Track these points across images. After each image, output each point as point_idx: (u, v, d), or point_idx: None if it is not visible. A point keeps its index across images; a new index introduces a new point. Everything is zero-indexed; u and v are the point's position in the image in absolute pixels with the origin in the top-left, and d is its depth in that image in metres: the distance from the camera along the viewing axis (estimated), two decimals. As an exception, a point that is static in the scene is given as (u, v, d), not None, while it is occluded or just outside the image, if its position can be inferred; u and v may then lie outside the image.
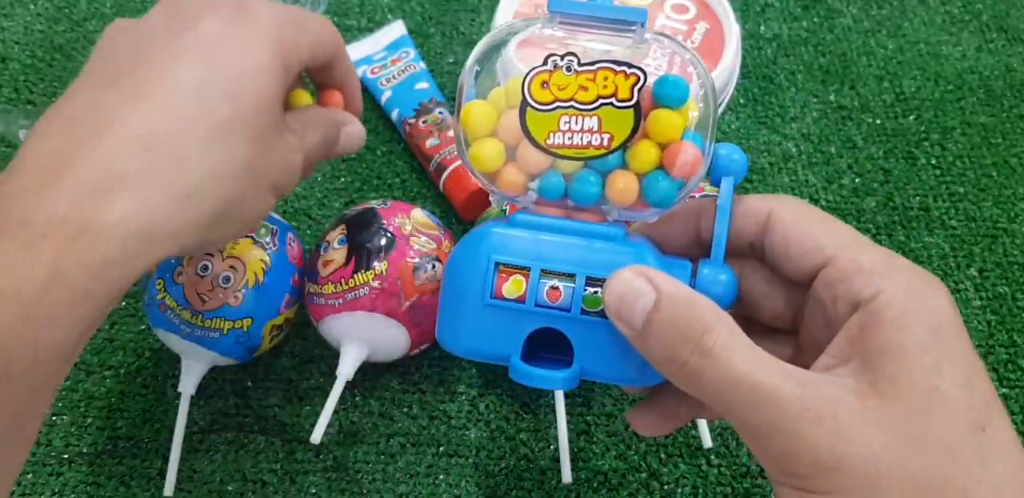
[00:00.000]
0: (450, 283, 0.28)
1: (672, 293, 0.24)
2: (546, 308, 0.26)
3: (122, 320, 0.46)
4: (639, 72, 0.26)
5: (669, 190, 0.27)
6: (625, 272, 0.25)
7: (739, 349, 0.23)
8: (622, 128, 0.26)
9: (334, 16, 0.60)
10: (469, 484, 0.41)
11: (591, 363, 0.26)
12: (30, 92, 0.56)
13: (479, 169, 0.28)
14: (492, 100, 0.28)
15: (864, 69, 0.58)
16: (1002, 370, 0.45)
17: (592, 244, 0.27)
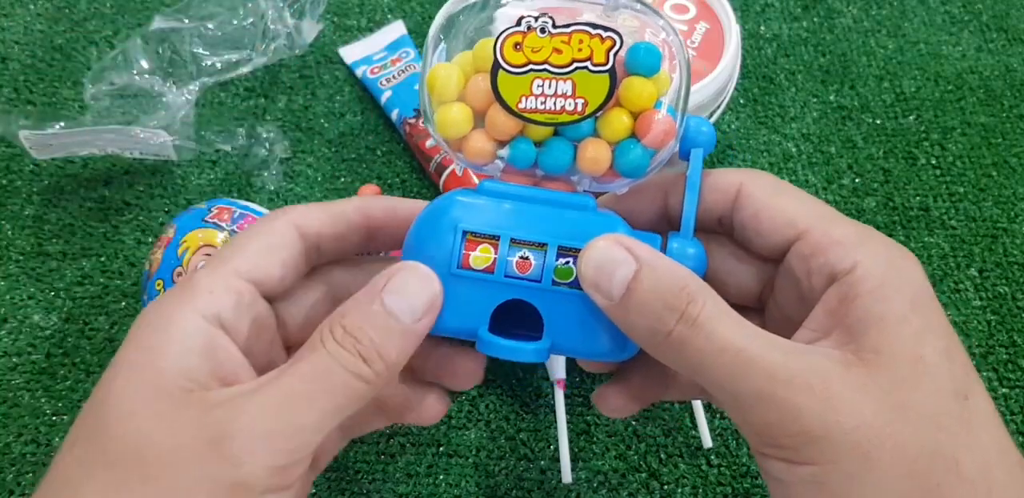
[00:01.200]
0: (413, 252, 0.26)
1: (653, 262, 0.23)
2: (515, 279, 0.25)
3: (122, 320, 0.46)
4: (615, 35, 0.25)
5: (641, 159, 0.26)
6: (601, 241, 0.24)
7: (724, 318, 0.22)
8: (597, 93, 0.26)
9: (334, 16, 0.60)
10: (469, 484, 0.41)
11: (562, 336, 0.25)
12: (30, 92, 0.56)
13: (445, 135, 0.27)
14: (459, 64, 0.27)
15: (864, 69, 0.58)
16: (1002, 370, 0.45)
17: (563, 213, 0.26)
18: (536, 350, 0.25)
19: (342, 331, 0.23)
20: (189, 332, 0.23)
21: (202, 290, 0.24)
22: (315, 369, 0.23)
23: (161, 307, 0.24)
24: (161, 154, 0.51)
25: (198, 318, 0.23)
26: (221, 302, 0.24)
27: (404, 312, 0.24)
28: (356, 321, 0.23)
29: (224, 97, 0.56)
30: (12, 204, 0.51)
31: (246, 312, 0.25)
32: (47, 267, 0.49)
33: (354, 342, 0.23)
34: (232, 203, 0.42)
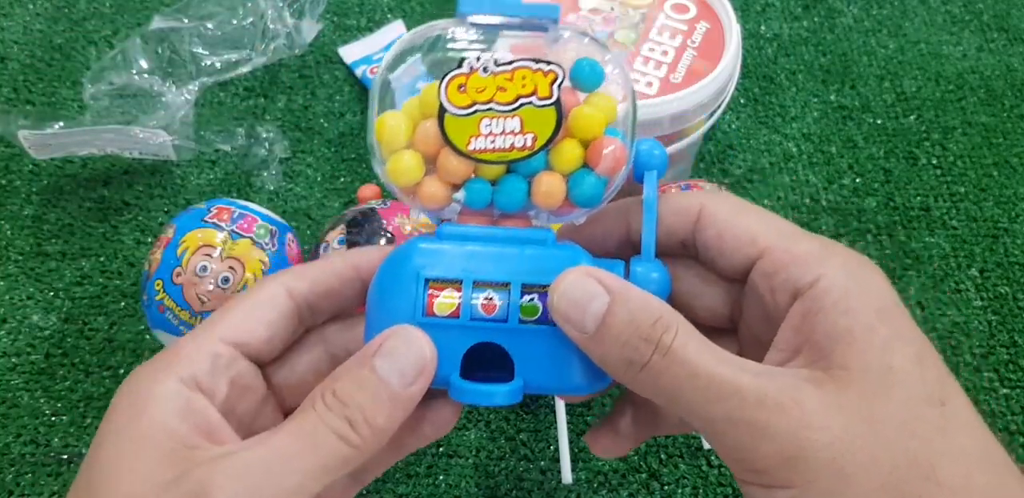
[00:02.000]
0: (377, 305, 0.26)
1: (625, 294, 0.23)
2: (482, 321, 0.25)
3: (121, 321, 0.46)
4: (557, 68, 0.25)
5: (596, 188, 0.26)
6: (571, 274, 0.24)
7: (695, 345, 0.22)
8: (545, 127, 0.26)
9: (334, 16, 0.60)
10: (469, 484, 0.41)
11: (533, 374, 0.25)
12: (29, 92, 0.56)
13: (397, 183, 0.27)
14: (406, 111, 0.27)
15: (865, 69, 0.58)
16: (1003, 370, 0.45)
17: (523, 250, 0.26)
18: (509, 392, 0.25)
19: (332, 396, 0.24)
20: (167, 396, 0.24)
21: (182, 355, 0.25)
22: (301, 431, 0.23)
23: (140, 375, 0.25)
24: (160, 154, 0.51)
25: (175, 382, 0.24)
26: (197, 365, 0.24)
27: (394, 377, 0.24)
28: (346, 386, 0.24)
29: (224, 97, 0.56)
30: (11, 204, 0.51)
31: (223, 373, 0.25)
32: (46, 267, 0.48)
33: (342, 407, 0.23)
34: (231, 203, 0.42)
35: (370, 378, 0.24)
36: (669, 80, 0.42)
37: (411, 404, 0.24)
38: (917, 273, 0.49)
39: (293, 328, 0.27)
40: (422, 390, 0.24)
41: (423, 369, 0.24)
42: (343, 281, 0.28)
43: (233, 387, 0.25)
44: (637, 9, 0.45)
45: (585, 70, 0.26)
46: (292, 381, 0.28)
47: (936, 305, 0.48)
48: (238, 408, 0.26)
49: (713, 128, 0.53)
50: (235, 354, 0.25)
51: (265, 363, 0.27)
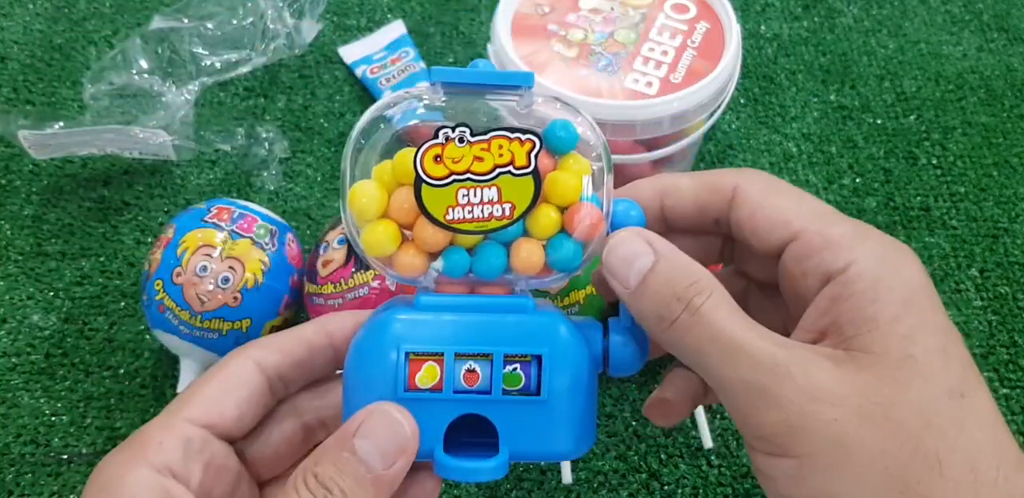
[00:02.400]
0: (356, 379, 0.25)
1: (671, 256, 0.24)
2: (465, 393, 0.25)
3: (121, 320, 0.46)
4: (534, 137, 0.25)
5: (573, 252, 0.26)
6: (625, 232, 0.25)
7: (724, 310, 0.23)
8: (523, 196, 0.26)
9: (334, 16, 0.60)
10: (469, 484, 0.41)
11: (519, 444, 0.25)
12: (29, 92, 0.56)
13: (373, 254, 0.26)
14: (378, 177, 0.26)
15: (865, 69, 0.58)
16: (1003, 370, 0.45)
17: (503, 318, 0.26)
18: (495, 467, 0.24)
19: (314, 480, 0.23)
20: (140, 486, 0.23)
21: (152, 442, 0.24)
22: None
23: (111, 464, 0.24)
24: (160, 154, 0.51)
25: (148, 471, 0.24)
26: (169, 452, 0.24)
27: (375, 459, 0.23)
28: (327, 470, 0.23)
29: (223, 97, 0.56)
30: (11, 204, 0.51)
31: (196, 458, 0.25)
32: (46, 267, 0.48)
33: (325, 492, 0.23)
34: (231, 203, 0.42)
35: (350, 460, 0.23)
36: (669, 80, 0.42)
37: (394, 484, 0.24)
38: (917, 273, 0.49)
39: (265, 402, 0.27)
40: (404, 469, 0.24)
41: (404, 449, 0.24)
42: (314, 350, 0.27)
43: (207, 470, 0.25)
44: (637, 9, 0.45)
45: (558, 132, 0.26)
46: (266, 454, 0.27)
47: (936, 305, 0.48)
48: (214, 491, 0.25)
49: (713, 128, 0.53)
50: (207, 436, 0.25)
51: (237, 440, 0.27)
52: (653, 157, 0.44)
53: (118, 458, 0.24)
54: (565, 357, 0.25)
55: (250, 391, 0.26)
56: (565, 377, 0.25)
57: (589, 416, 0.26)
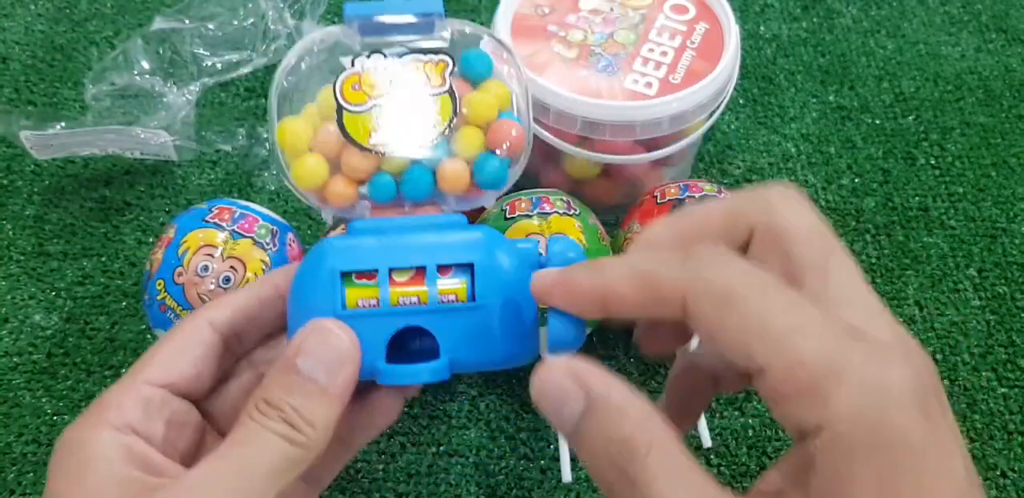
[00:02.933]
0: (296, 305, 0.26)
1: (604, 401, 0.20)
2: (401, 307, 0.25)
3: (123, 320, 0.46)
4: (447, 57, 0.26)
5: (499, 170, 0.27)
6: (551, 369, 0.21)
7: (667, 483, 0.19)
8: (442, 114, 0.26)
9: (334, 16, 0.60)
10: (469, 484, 0.41)
11: (459, 352, 0.25)
12: (31, 92, 0.56)
13: (305, 186, 0.27)
14: (305, 116, 0.27)
15: (863, 69, 0.58)
16: (1001, 370, 0.46)
17: (435, 234, 0.26)
18: (434, 369, 0.25)
19: (264, 404, 0.24)
20: (105, 444, 0.24)
21: (111, 405, 0.25)
22: (245, 441, 0.23)
23: (73, 429, 0.25)
24: (162, 154, 0.51)
25: (110, 431, 0.24)
26: (129, 412, 0.25)
27: (320, 373, 0.24)
28: (275, 392, 0.24)
29: (224, 97, 0.56)
30: (13, 204, 0.51)
31: (157, 416, 0.25)
32: (48, 267, 0.49)
33: (278, 412, 0.23)
34: (233, 203, 0.42)
35: (296, 379, 0.24)
36: (668, 81, 0.42)
37: (344, 396, 0.24)
38: (915, 273, 0.49)
39: (222, 359, 0.27)
40: (350, 379, 0.24)
41: (346, 358, 0.24)
42: (264, 302, 0.28)
43: (170, 427, 0.26)
44: (637, 10, 0.45)
45: (472, 60, 0.27)
46: (227, 408, 0.28)
47: (934, 305, 0.48)
48: (179, 445, 0.26)
49: (712, 128, 0.53)
50: (166, 395, 0.26)
51: (200, 397, 0.27)
52: (653, 157, 0.44)
53: (80, 423, 0.25)
54: (497, 265, 0.25)
55: (205, 349, 0.27)
56: (498, 284, 0.25)
57: (528, 324, 0.26)
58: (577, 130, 0.42)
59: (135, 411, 0.25)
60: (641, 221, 0.42)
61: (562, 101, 0.41)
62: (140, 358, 0.27)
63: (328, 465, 0.29)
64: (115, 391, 0.25)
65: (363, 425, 0.28)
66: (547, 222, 0.40)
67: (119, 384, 0.26)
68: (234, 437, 0.24)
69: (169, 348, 0.26)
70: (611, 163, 0.45)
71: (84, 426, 0.24)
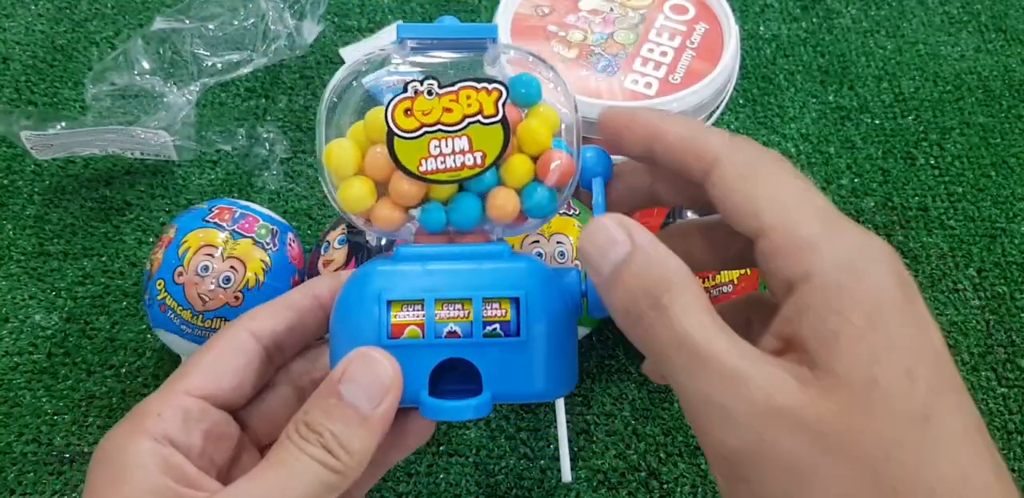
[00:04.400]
0: (340, 330, 0.26)
1: (647, 248, 0.23)
2: (447, 339, 0.25)
3: (123, 320, 0.46)
4: (501, 86, 0.26)
5: (548, 199, 0.27)
6: (606, 219, 0.23)
7: (693, 312, 0.21)
8: (493, 144, 0.26)
9: (334, 16, 0.60)
10: (469, 483, 0.41)
11: (500, 385, 0.26)
12: (31, 92, 0.56)
13: (351, 210, 0.27)
14: (352, 136, 0.27)
15: (863, 69, 0.58)
16: (1001, 370, 0.46)
17: (481, 265, 0.26)
18: (478, 406, 0.25)
19: (305, 428, 0.24)
20: (144, 455, 0.24)
21: (150, 414, 0.25)
22: (282, 464, 0.24)
23: (113, 437, 0.25)
24: (162, 154, 0.51)
25: (148, 441, 0.24)
26: (168, 423, 0.25)
27: (362, 401, 0.24)
28: (316, 417, 0.24)
29: (225, 97, 0.56)
30: (14, 204, 0.51)
31: (196, 427, 0.25)
32: (48, 267, 0.49)
33: (317, 437, 0.24)
34: (233, 203, 0.43)
35: (338, 405, 0.24)
36: (668, 81, 0.42)
37: (384, 425, 0.25)
38: (915, 273, 0.49)
39: (263, 370, 0.27)
40: (392, 409, 0.25)
41: (389, 388, 0.24)
42: (304, 313, 0.28)
43: (208, 438, 0.26)
44: (636, 10, 0.45)
45: (522, 86, 0.27)
46: (264, 421, 0.28)
47: (934, 304, 0.48)
48: (216, 458, 0.26)
49: (712, 128, 0.53)
50: (205, 406, 0.26)
51: (238, 408, 0.27)
52: (652, 157, 0.44)
53: (119, 431, 0.25)
54: (542, 298, 0.26)
55: (246, 360, 0.27)
56: (543, 318, 0.26)
57: (569, 357, 0.27)
58: (577, 130, 0.42)
59: (174, 422, 0.25)
60: (641, 221, 0.42)
61: (562, 101, 0.41)
62: (181, 366, 0.27)
63: (359, 486, 0.29)
64: (155, 399, 0.25)
65: (395, 446, 0.28)
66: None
67: (160, 392, 0.26)
68: (272, 459, 0.24)
69: (210, 357, 0.26)
70: (611, 163, 0.45)
71: (124, 433, 0.25)
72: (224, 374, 0.26)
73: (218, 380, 0.26)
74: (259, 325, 0.27)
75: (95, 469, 0.24)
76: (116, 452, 0.24)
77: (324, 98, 0.27)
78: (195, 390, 0.26)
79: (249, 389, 0.27)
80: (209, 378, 0.26)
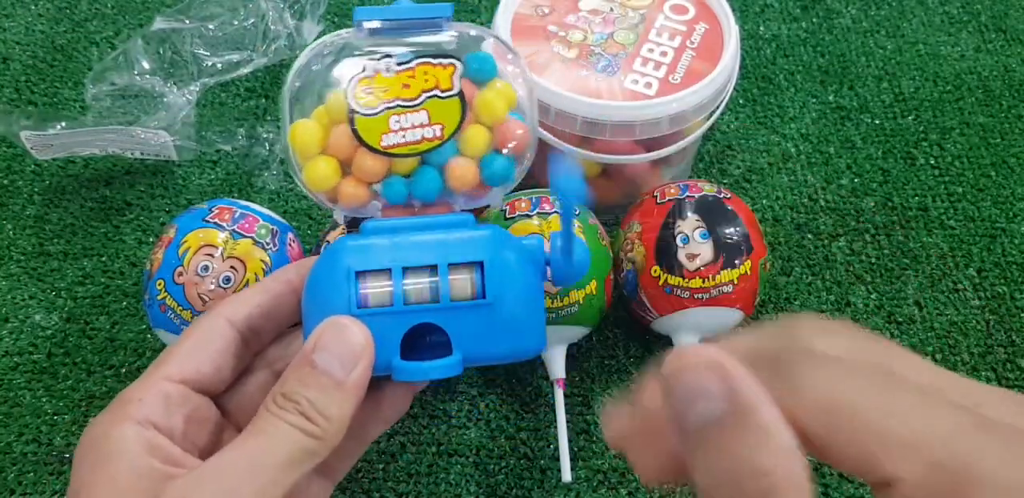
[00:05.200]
0: (312, 304, 0.27)
1: (750, 414, 0.17)
2: (415, 305, 0.26)
3: (123, 320, 0.46)
4: (455, 61, 0.27)
5: (506, 168, 0.28)
6: (700, 357, 0.18)
7: None
8: (451, 116, 0.27)
9: (334, 16, 0.60)
10: (469, 483, 0.41)
11: (471, 347, 0.26)
12: (31, 92, 0.56)
13: (317, 189, 0.28)
14: (316, 118, 0.28)
15: (863, 69, 0.58)
16: (1001, 370, 0.46)
17: (446, 234, 0.27)
18: (447, 365, 0.26)
19: (282, 398, 0.24)
20: (128, 438, 0.25)
21: (132, 400, 0.26)
22: (262, 432, 0.24)
23: (96, 424, 0.26)
24: (162, 154, 0.51)
25: (131, 425, 0.25)
26: (150, 407, 0.26)
27: (335, 367, 0.25)
28: (292, 386, 0.25)
29: (225, 97, 0.56)
30: (14, 204, 0.51)
31: (177, 411, 0.26)
32: (48, 267, 0.49)
33: (294, 405, 0.24)
34: (233, 203, 0.42)
35: (312, 373, 0.24)
36: (668, 81, 0.42)
37: (359, 390, 0.25)
38: (915, 273, 0.49)
39: (240, 354, 0.28)
40: (365, 374, 0.25)
41: (361, 353, 0.25)
42: (278, 297, 0.29)
43: (189, 422, 0.26)
44: (636, 10, 0.45)
45: (476, 62, 0.28)
46: (244, 404, 0.29)
47: (934, 304, 0.48)
48: (198, 441, 0.27)
49: (712, 128, 0.53)
50: (185, 391, 0.26)
51: (219, 393, 0.28)
52: (652, 157, 0.44)
53: (102, 419, 0.26)
54: (506, 262, 0.26)
55: (223, 345, 0.27)
56: (507, 281, 0.26)
57: (536, 319, 0.27)
58: (577, 130, 0.42)
59: (155, 406, 0.26)
60: (641, 221, 0.43)
61: (562, 101, 0.41)
62: (161, 354, 0.27)
63: (342, 458, 0.29)
64: (137, 387, 0.26)
65: (374, 418, 0.29)
66: (547, 222, 0.40)
67: (140, 380, 0.26)
68: (251, 428, 0.24)
69: (188, 344, 0.27)
70: (611, 163, 0.45)
71: (107, 421, 0.25)
72: (202, 359, 0.27)
73: (197, 365, 0.27)
74: (234, 311, 0.28)
75: (80, 456, 0.25)
76: (101, 438, 0.25)
77: (287, 81, 0.28)
78: (175, 375, 0.26)
79: (228, 373, 0.28)
80: (188, 364, 0.27)
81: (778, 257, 0.49)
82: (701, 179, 0.49)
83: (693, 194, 0.42)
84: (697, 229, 0.41)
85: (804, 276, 0.49)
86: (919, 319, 0.47)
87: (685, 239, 0.40)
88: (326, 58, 0.29)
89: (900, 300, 0.48)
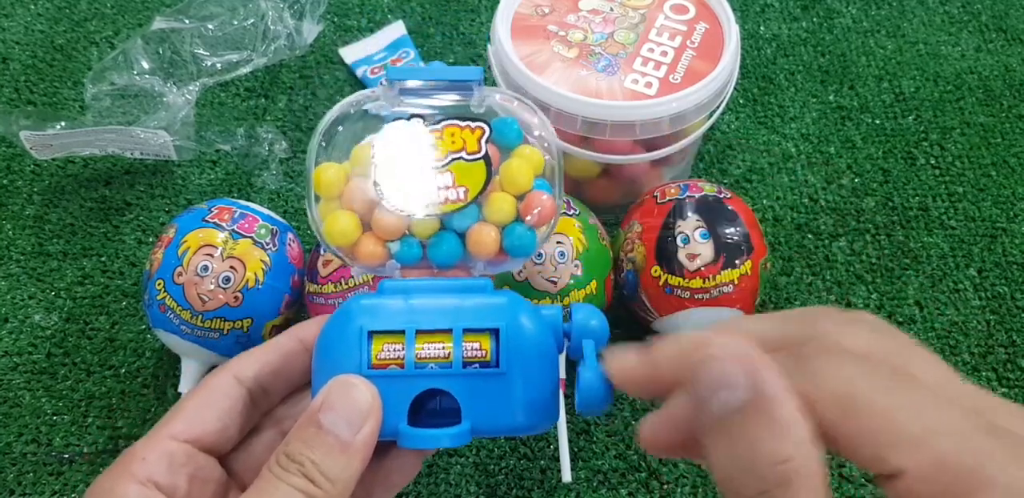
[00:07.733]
0: (322, 361, 0.26)
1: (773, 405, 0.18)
2: (427, 369, 0.25)
3: (123, 320, 0.46)
4: (484, 124, 0.27)
5: (528, 238, 0.27)
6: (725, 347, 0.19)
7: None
8: (475, 180, 0.27)
9: (334, 16, 0.60)
10: (469, 483, 0.41)
11: (481, 417, 0.25)
12: (31, 92, 0.56)
13: (335, 243, 0.27)
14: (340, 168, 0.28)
15: (863, 69, 0.58)
16: (1001, 370, 0.46)
17: (463, 298, 0.26)
18: (455, 435, 0.25)
19: (285, 458, 0.24)
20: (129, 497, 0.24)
21: (136, 458, 0.25)
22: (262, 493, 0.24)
23: (101, 481, 0.25)
24: (161, 154, 0.51)
25: (134, 484, 0.25)
26: (153, 466, 0.25)
27: (342, 428, 0.24)
28: (297, 447, 0.24)
29: (224, 97, 0.56)
30: (13, 204, 0.51)
31: (180, 471, 0.26)
32: (48, 267, 0.49)
33: (298, 466, 0.24)
34: (232, 203, 0.42)
35: (318, 434, 0.24)
36: (669, 80, 0.42)
37: (366, 451, 0.24)
38: (916, 273, 0.49)
39: (247, 413, 0.27)
40: (373, 435, 0.24)
41: (368, 413, 0.24)
42: (289, 356, 0.28)
43: (192, 482, 0.26)
44: (637, 10, 0.45)
45: (503, 129, 0.28)
46: (250, 465, 0.28)
47: (934, 304, 0.48)
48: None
49: (712, 128, 0.53)
50: (190, 450, 0.26)
51: (225, 453, 0.27)
52: (652, 157, 0.44)
53: (107, 475, 0.25)
54: (522, 332, 0.26)
55: (231, 404, 0.27)
56: (522, 351, 0.26)
57: (550, 391, 0.26)
58: (577, 130, 0.42)
59: (159, 465, 0.25)
60: (641, 221, 0.42)
61: (562, 101, 0.41)
62: (169, 410, 0.27)
63: None
64: (142, 444, 0.26)
65: (381, 484, 0.28)
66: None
67: (147, 437, 0.26)
68: (253, 490, 0.24)
69: (195, 402, 0.27)
70: (611, 163, 0.45)
71: (111, 477, 0.25)
72: (208, 418, 0.26)
73: (202, 424, 0.26)
74: (243, 369, 0.27)
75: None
76: (104, 495, 0.25)
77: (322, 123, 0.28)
78: (180, 434, 0.26)
79: (234, 432, 0.27)
80: (193, 422, 0.26)
81: (778, 257, 0.49)
82: (701, 179, 0.49)
83: (693, 194, 0.42)
84: (697, 229, 0.41)
85: (805, 276, 0.49)
86: (920, 319, 0.47)
87: (685, 239, 0.40)
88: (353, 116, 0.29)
89: (901, 300, 0.48)
